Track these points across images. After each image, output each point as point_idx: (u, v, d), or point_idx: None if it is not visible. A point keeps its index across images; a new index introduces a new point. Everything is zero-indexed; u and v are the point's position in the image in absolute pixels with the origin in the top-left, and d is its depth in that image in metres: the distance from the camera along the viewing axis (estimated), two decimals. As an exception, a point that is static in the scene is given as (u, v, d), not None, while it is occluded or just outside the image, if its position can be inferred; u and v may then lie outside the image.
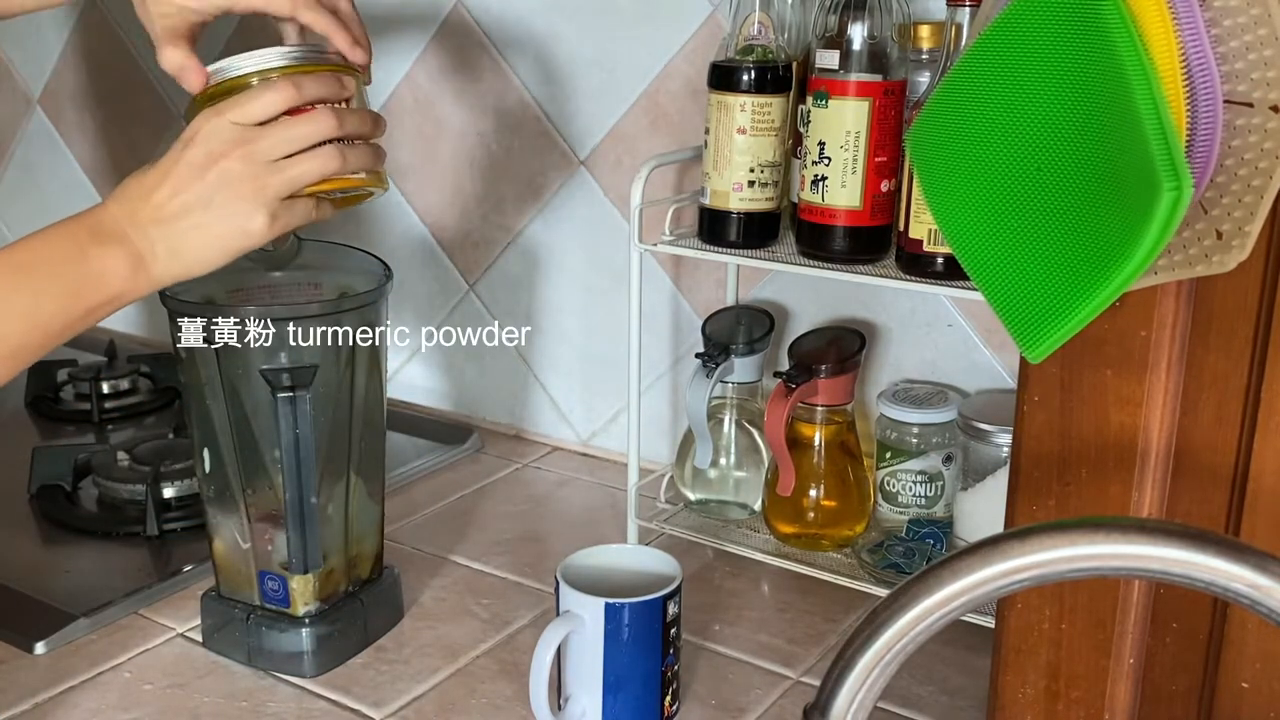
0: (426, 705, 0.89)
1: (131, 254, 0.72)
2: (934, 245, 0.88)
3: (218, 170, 0.72)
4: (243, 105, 0.74)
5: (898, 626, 0.47)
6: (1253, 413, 0.58)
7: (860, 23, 0.89)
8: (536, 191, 1.29)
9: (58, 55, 1.64)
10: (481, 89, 1.29)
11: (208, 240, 0.73)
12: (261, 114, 0.74)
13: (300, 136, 0.74)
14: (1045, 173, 0.57)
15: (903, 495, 1.03)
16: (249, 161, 0.73)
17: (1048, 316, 0.56)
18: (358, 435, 0.92)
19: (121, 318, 1.68)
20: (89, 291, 0.71)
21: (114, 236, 0.72)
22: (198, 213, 0.72)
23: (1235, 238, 0.54)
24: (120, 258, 0.72)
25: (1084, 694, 0.66)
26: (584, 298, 1.29)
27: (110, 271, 0.72)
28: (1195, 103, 0.54)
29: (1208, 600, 0.61)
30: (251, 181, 0.73)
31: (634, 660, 0.82)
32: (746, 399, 1.09)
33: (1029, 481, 0.65)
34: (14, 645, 0.94)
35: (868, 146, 0.90)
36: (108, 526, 1.13)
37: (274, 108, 0.74)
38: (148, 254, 0.72)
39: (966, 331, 1.08)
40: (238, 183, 0.72)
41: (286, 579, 0.91)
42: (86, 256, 0.71)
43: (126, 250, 0.72)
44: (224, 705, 0.88)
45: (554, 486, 1.26)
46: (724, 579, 1.06)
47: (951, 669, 0.93)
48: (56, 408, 1.42)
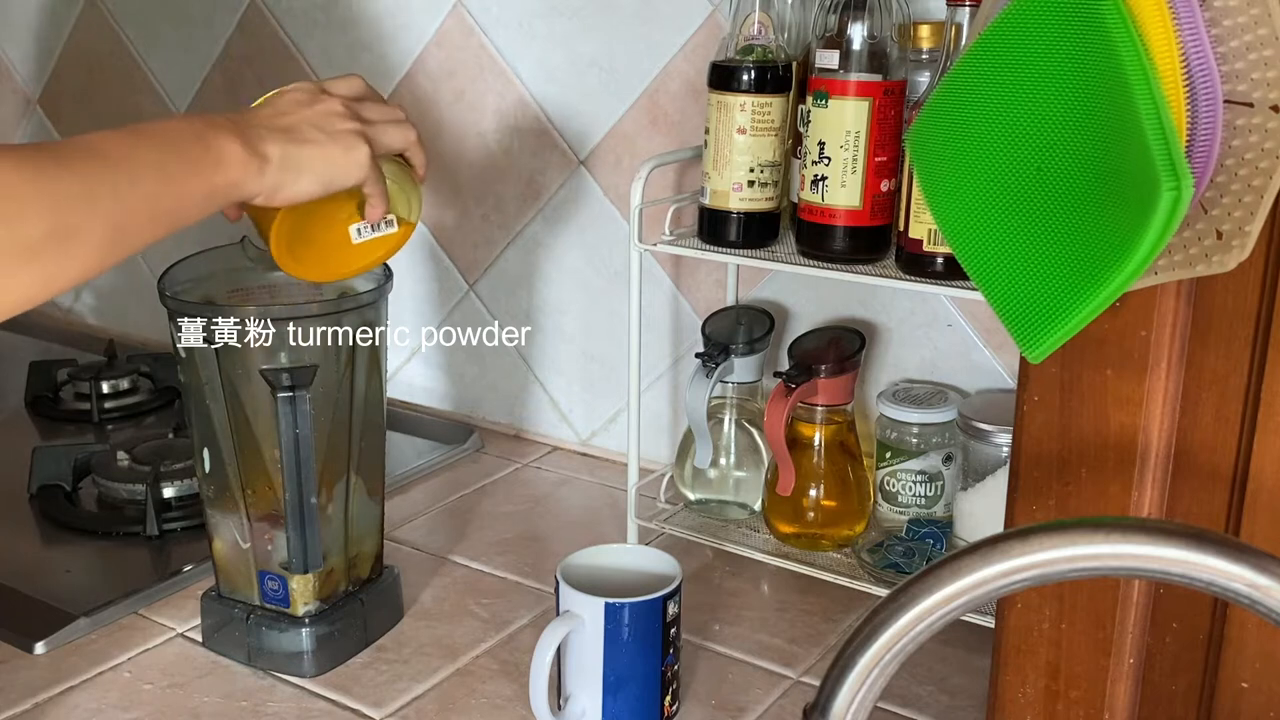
0: (426, 705, 0.89)
1: (248, 145, 0.72)
2: (934, 245, 0.88)
3: (324, 105, 0.77)
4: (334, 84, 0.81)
5: (898, 626, 0.47)
6: (1253, 413, 0.58)
7: (860, 22, 0.89)
8: (536, 191, 1.29)
9: (58, 55, 1.64)
10: (481, 89, 1.29)
11: (317, 155, 0.75)
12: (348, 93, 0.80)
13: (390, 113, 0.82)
14: (1045, 172, 0.57)
15: (903, 495, 1.03)
16: (349, 108, 0.78)
17: (1048, 316, 0.56)
18: (358, 435, 0.92)
19: (121, 318, 1.68)
20: (209, 169, 0.70)
21: (230, 130, 0.71)
22: (307, 130, 0.75)
23: (1235, 238, 0.54)
24: (238, 145, 0.71)
25: (1084, 694, 0.66)
26: (584, 298, 1.29)
27: (230, 155, 0.71)
28: (1195, 103, 0.54)
29: (1208, 600, 0.61)
30: (353, 121, 0.78)
31: (634, 660, 0.82)
32: (746, 399, 1.09)
33: (1029, 481, 0.65)
34: (14, 645, 0.94)
35: (868, 146, 0.90)
36: (108, 526, 1.13)
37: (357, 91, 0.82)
38: (262, 153, 0.73)
39: (966, 331, 1.08)
40: (342, 118, 0.77)
41: (286, 579, 0.91)
42: (204, 138, 0.70)
43: (243, 141, 0.72)
44: (224, 705, 0.88)
45: (554, 486, 1.26)
46: (724, 579, 1.06)
47: (951, 669, 0.93)
48: (56, 408, 1.42)
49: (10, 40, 1.69)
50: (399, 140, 0.82)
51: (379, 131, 0.80)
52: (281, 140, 0.74)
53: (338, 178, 0.77)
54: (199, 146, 0.69)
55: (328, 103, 0.78)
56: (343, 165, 0.77)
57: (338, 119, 0.77)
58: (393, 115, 0.82)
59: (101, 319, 1.70)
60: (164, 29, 1.53)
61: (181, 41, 1.51)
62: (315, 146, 0.75)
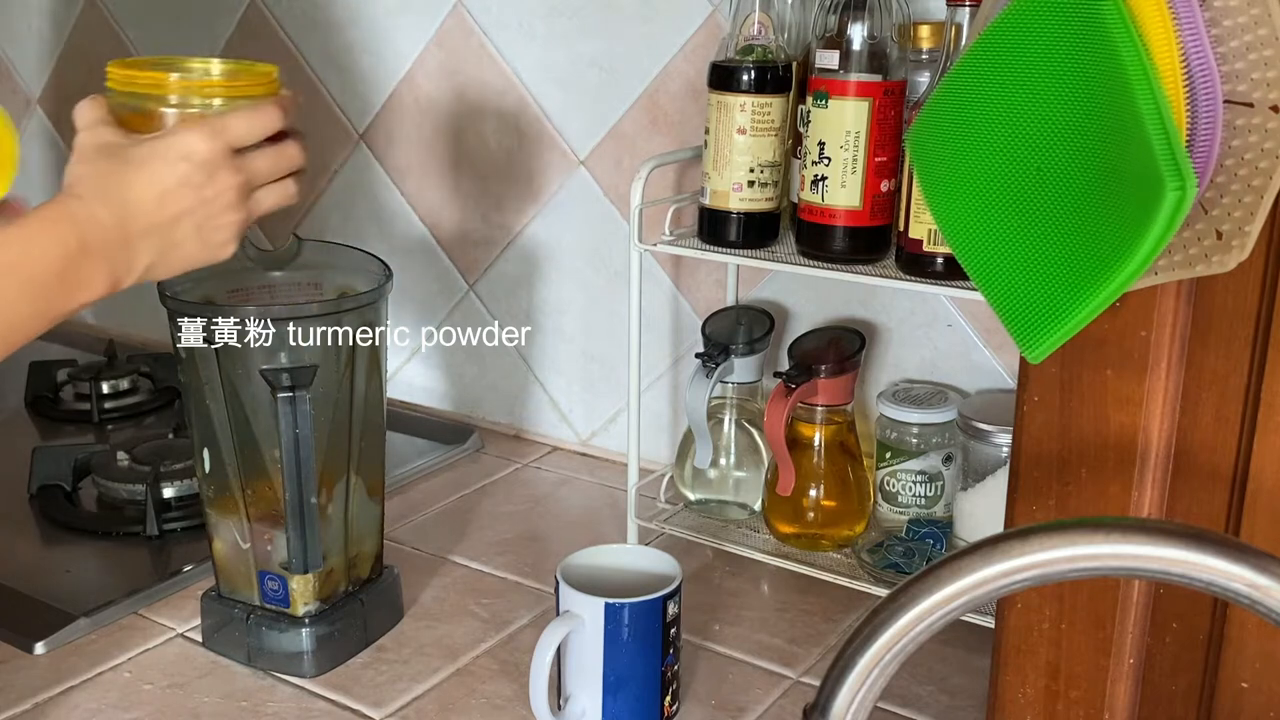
0: (426, 705, 0.89)
1: (115, 269, 0.70)
2: (934, 245, 0.88)
3: (214, 192, 0.71)
4: (240, 129, 0.72)
5: (898, 626, 0.47)
6: (1253, 413, 0.58)
7: (860, 23, 0.89)
8: (536, 191, 1.29)
9: (58, 55, 1.64)
10: (481, 89, 1.29)
11: (184, 257, 0.72)
12: (258, 138, 0.73)
13: (281, 168, 0.75)
14: (1045, 172, 0.57)
15: (903, 495, 1.03)
16: (243, 190, 0.72)
17: (1048, 317, 0.56)
18: (358, 435, 0.92)
19: (121, 318, 1.68)
20: (62, 301, 0.68)
21: (104, 252, 0.69)
22: (186, 231, 0.71)
23: (1235, 238, 0.54)
24: (105, 274, 0.69)
25: (1084, 694, 0.66)
26: (584, 298, 1.29)
27: (90, 285, 0.69)
28: (1195, 103, 0.54)
29: (1208, 600, 0.61)
30: (241, 208, 0.73)
31: (634, 660, 0.82)
32: (746, 399, 1.09)
33: (1029, 481, 0.65)
34: (14, 645, 0.94)
35: (868, 146, 0.90)
36: (108, 526, 1.13)
37: (267, 131, 0.73)
38: (127, 268, 0.70)
39: (966, 331, 1.08)
40: (230, 209, 0.72)
41: (286, 579, 0.91)
42: (74, 268, 0.68)
43: (112, 266, 0.69)
44: (224, 705, 0.88)
45: (554, 486, 1.26)
46: (724, 579, 1.06)
47: (951, 669, 0.93)
48: (56, 408, 1.42)
49: (10, 40, 1.69)
50: (274, 203, 0.75)
51: (259, 204, 0.74)
52: (154, 251, 0.70)
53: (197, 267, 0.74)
54: (61, 283, 0.67)
55: (219, 183, 0.71)
56: (205, 260, 0.73)
57: (223, 212, 0.72)
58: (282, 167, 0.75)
59: (101, 319, 1.70)
60: (164, 29, 1.53)
61: (181, 42, 1.50)
62: (185, 250, 0.72)
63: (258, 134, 0.73)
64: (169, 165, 0.70)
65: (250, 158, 0.73)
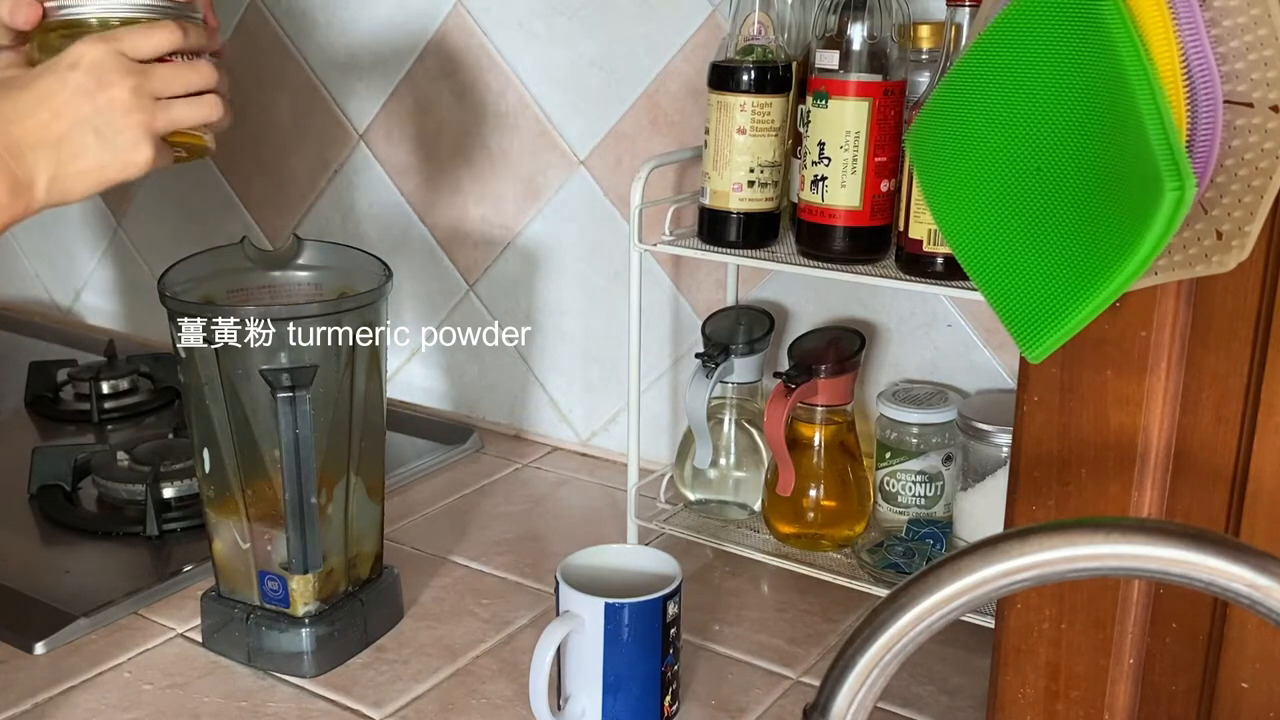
0: (426, 705, 0.89)
1: (13, 181, 0.69)
2: (934, 245, 0.88)
3: (107, 97, 0.71)
4: (135, 40, 0.73)
5: (898, 626, 0.47)
6: (1253, 413, 0.58)
7: (860, 23, 0.89)
8: (536, 191, 1.29)
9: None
10: (481, 89, 1.29)
11: (91, 166, 0.71)
12: (152, 52, 0.73)
13: (190, 82, 0.74)
14: (1045, 172, 0.57)
15: (902, 495, 1.03)
16: (139, 94, 0.72)
17: (1048, 317, 0.56)
18: (358, 435, 0.92)
19: (121, 318, 1.68)
20: None
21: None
22: (83, 137, 0.71)
23: (1235, 238, 0.54)
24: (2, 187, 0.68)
25: (1084, 694, 0.66)
26: (584, 298, 1.29)
27: None
28: (1195, 103, 0.54)
29: (1208, 600, 0.61)
30: (140, 113, 0.72)
31: (634, 660, 0.82)
32: (746, 399, 1.09)
33: (1029, 481, 0.65)
34: (14, 645, 0.94)
35: (868, 146, 0.90)
36: (108, 526, 1.13)
37: (164, 47, 0.74)
38: (27, 179, 0.70)
39: (966, 331, 1.08)
40: (126, 113, 0.71)
41: (286, 579, 0.91)
42: None
43: (7, 178, 0.69)
44: (224, 705, 0.88)
45: (554, 486, 1.26)
46: (724, 579, 1.06)
47: (951, 669, 0.93)
48: (56, 408, 1.42)
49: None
50: (193, 118, 0.75)
51: (170, 114, 0.74)
52: (51, 160, 0.70)
53: (116, 179, 0.73)
54: None
55: (113, 91, 0.71)
56: (119, 169, 0.72)
57: (121, 114, 0.71)
58: (192, 81, 0.75)
59: (101, 319, 1.70)
60: (164, 29, 1.53)
61: (181, 41, 1.50)
62: (90, 157, 0.71)
63: (154, 46, 0.73)
64: (58, 76, 0.71)
65: (151, 66, 0.73)
